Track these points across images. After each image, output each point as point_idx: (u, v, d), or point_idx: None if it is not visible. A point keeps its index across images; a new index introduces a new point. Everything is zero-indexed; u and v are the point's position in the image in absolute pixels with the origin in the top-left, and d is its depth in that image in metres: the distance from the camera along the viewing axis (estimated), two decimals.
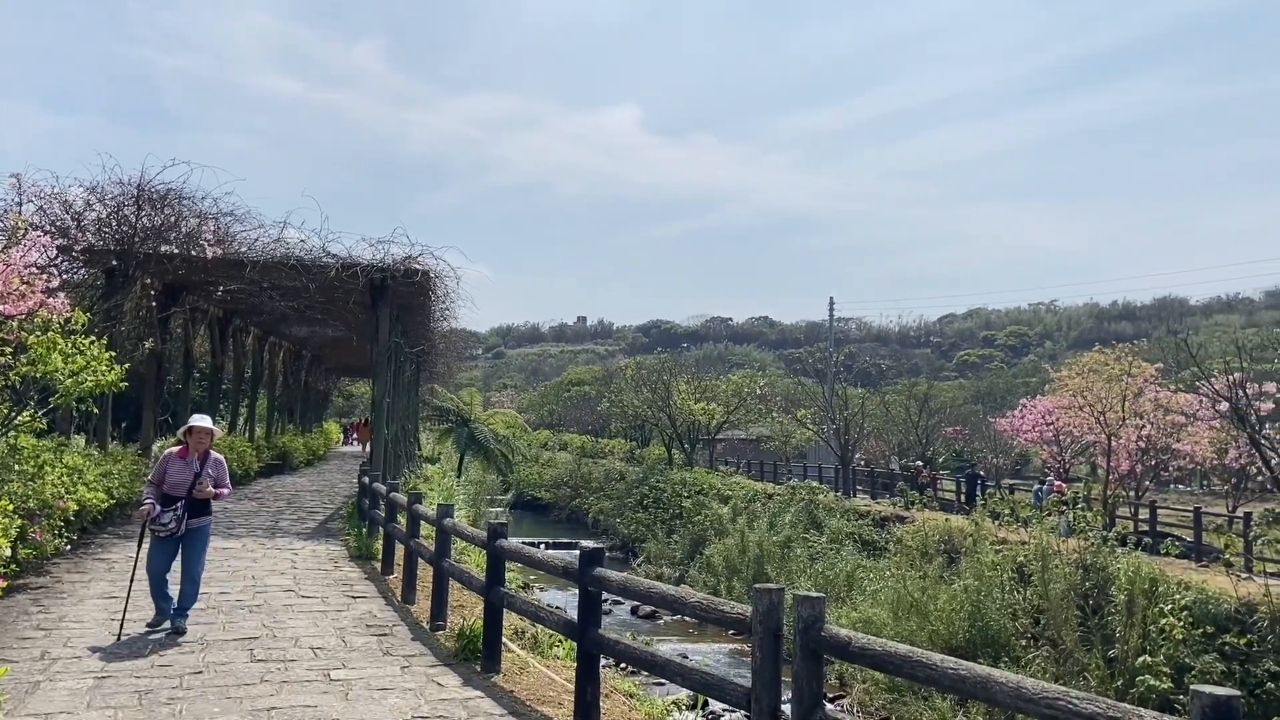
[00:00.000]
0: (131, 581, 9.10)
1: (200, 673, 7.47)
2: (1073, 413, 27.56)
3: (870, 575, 22.74)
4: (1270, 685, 13.55)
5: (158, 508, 8.57)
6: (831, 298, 63.25)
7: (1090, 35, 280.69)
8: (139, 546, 8.92)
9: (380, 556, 13.22)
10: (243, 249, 17.38)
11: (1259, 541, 17.53)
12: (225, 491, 8.99)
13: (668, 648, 20.56)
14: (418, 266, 17.29)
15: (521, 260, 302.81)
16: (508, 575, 17.16)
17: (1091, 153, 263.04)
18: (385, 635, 9.15)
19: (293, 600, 10.59)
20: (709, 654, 21.14)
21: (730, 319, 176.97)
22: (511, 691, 7.39)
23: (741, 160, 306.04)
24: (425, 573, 10.79)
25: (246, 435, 28.72)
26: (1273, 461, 17.76)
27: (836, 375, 58.01)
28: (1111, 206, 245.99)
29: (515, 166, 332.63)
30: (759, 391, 50.42)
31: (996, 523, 22.05)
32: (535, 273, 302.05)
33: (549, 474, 54.51)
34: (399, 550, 12.24)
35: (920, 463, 38.02)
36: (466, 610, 10.13)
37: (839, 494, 34.16)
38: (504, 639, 8.47)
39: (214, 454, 8.98)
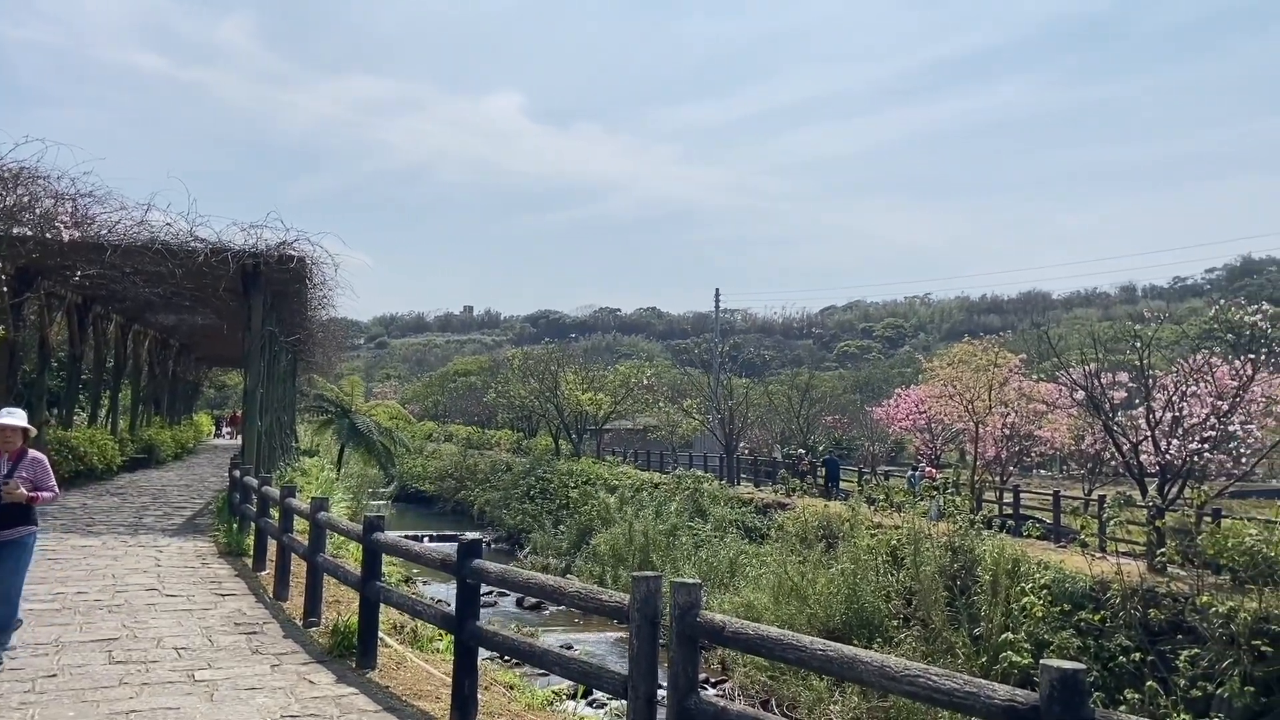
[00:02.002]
0: None
1: (54, 675, 7.09)
2: (943, 401, 28.68)
3: (753, 561, 23.18)
4: (1122, 659, 14.38)
5: None
6: (717, 289, 64.15)
7: (954, 40, 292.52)
8: None
9: (252, 552, 12.78)
10: (103, 232, 16.46)
11: (1111, 523, 18.56)
12: (48, 495, 7.63)
13: (552, 638, 20.53)
14: (293, 252, 16.72)
15: (405, 248, 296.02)
16: (389, 569, 16.85)
17: (959, 152, 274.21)
18: (255, 633, 8.85)
19: (156, 599, 10.14)
20: (594, 643, 21.19)
21: (618, 310, 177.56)
22: (387, 687, 7.25)
23: (626, 151, 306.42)
24: (299, 568, 10.48)
25: (109, 428, 27.32)
26: (1124, 447, 18.83)
27: (722, 366, 58.82)
28: (979, 204, 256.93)
29: (395, 151, 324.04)
30: (646, 382, 50.73)
31: (872, 508, 22.79)
32: (419, 261, 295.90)
33: (434, 466, 53.67)
34: (272, 546, 11.85)
35: (802, 451, 38.93)
36: (343, 606, 9.88)
37: (723, 482, 34.69)
38: (381, 634, 8.29)
39: (32, 453, 7.69)
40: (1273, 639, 13.08)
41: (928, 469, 29.09)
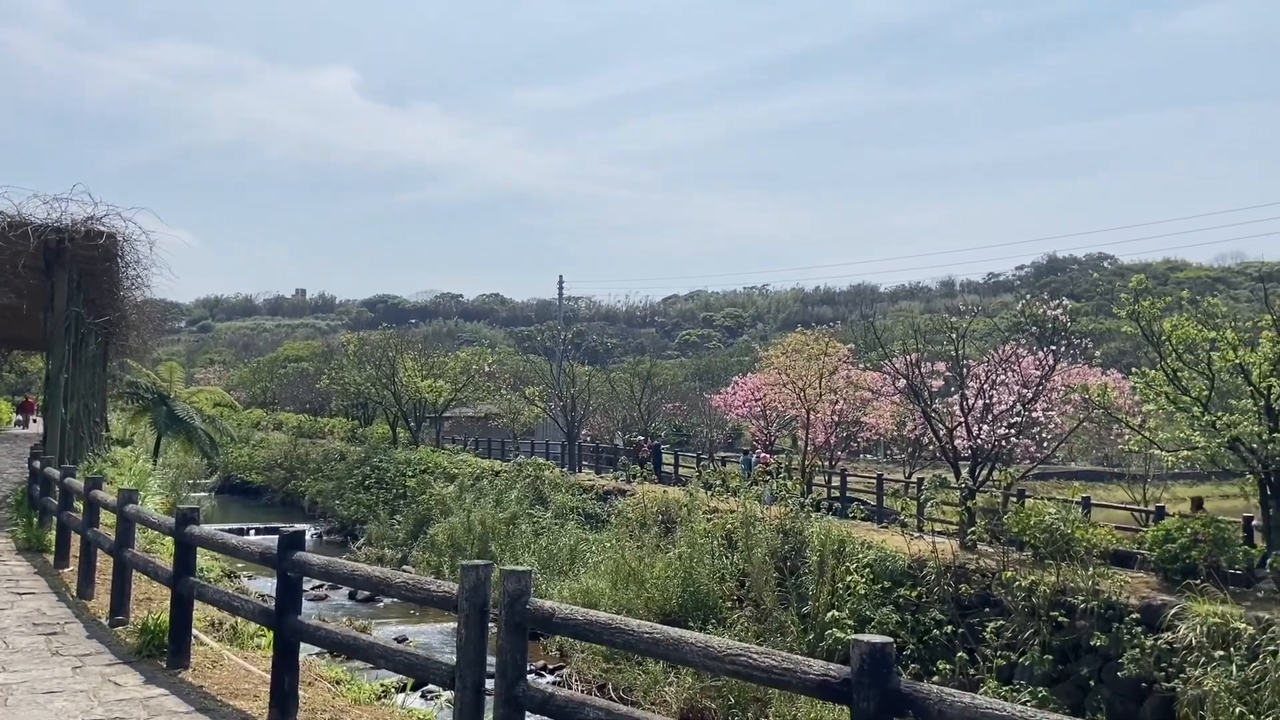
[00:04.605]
0: None
1: None
2: (778, 389, 29.65)
3: (593, 548, 23.31)
4: (936, 632, 15.29)
5: None
6: (561, 276, 64.17)
7: (787, 38, 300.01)
8: None
9: (54, 549, 11.94)
10: None
11: (929, 504, 19.67)
12: None
13: (386, 631, 20.07)
14: (102, 228, 15.60)
15: (230, 227, 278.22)
16: (212, 565, 16.02)
17: (794, 148, 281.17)
18: (56, 634, 8.27)
19: None
20: (430, 634, 20.85)
21: (461, 295, 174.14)
22: (201, 687, 6.89)
23: (466, 133, 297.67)
24: (106, 565, 9.87)
25: None
26: (941, 432, 19.97)
27: (565, 353, 58.91)
28: (813, 199, 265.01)
29: (216, 124, 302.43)
30: (488, 369, 50.16)
31: (709, 493, 23.32)
32: (247, 241, 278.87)
33: (262, 455, 51.36)
34: (76, 541, 11.08)
35: (641, 438, 39.42)
36: (154, 604, 9.32)
37: (565, 469, 34.72)
38: (197, 632, 7.89)
39: None
40: (1068, 610, 14.19)
41: (762, 454, 30.00)
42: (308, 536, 7.49)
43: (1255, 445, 14.80)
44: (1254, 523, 15.93)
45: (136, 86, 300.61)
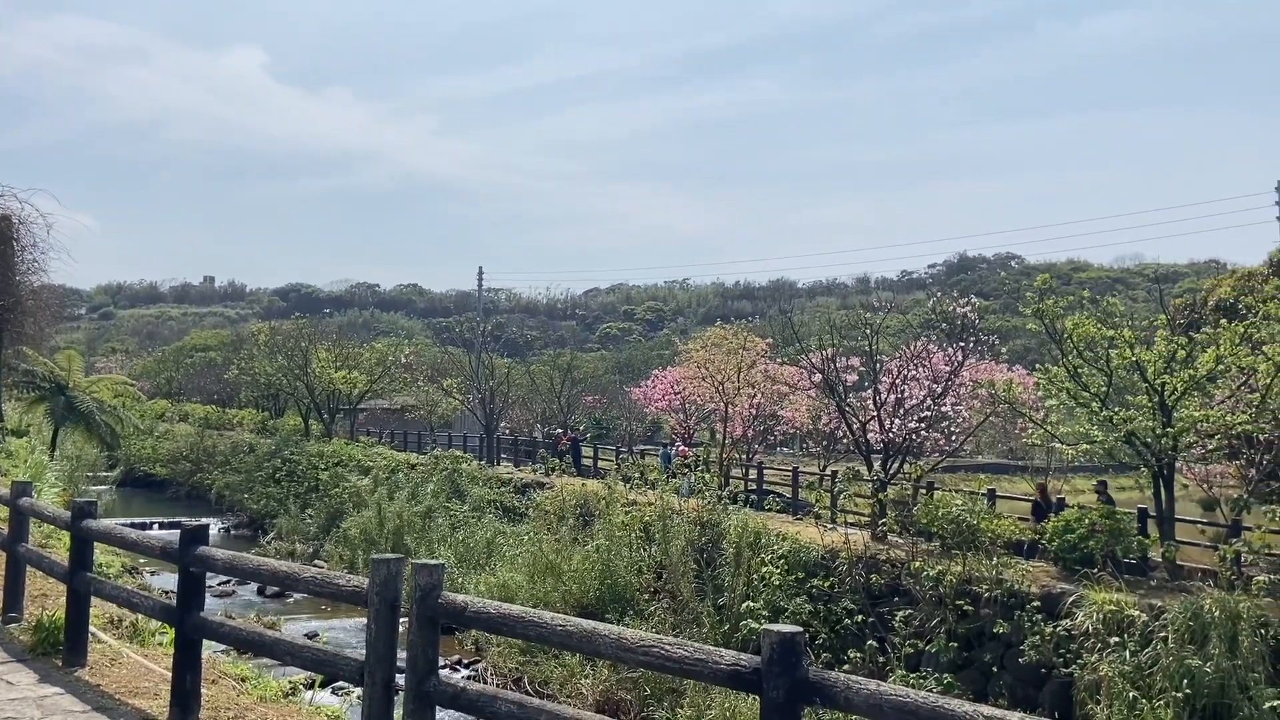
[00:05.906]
0: None
1: None
2: (697, 383, 29.87)
3: (510, 541, 23.18)
4: (847, 621, 15.61)
5: None
6: (481, 267, 63.46)
7: (706, 34, 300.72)
8: None
9: None
10: None
11: (842, 496, 20.04)
12: None
13: (297, 626, 19.66)
14: None
15: (133, 211, 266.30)
16: (114, 560, 15.45)
17: (715, 143, 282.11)
18: None
19: None
20: (344, 630, 20.50)
21: (378, 285, 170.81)
22: (98, 685, 6.65)
23: (382, 119, 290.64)
24: None
25: None
26: (854, 426, 20.37)
27: (485, 345, 58.29)
28: (734, 194, 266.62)
29: (118, 104, 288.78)
30: (404, 360, 49.39)
31: (628, 486, 23.38)
32: (151, 226, 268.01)
33: (166, 447, 49.78)
34: None
35: (561, 430, 39.31)
36: (50, 600, 8.96)
37: (483, 462, 34.44)
38: (94, 628, 7.60)
39: None
40: (973, 599, 14.63)
41: (681, 447, 30.19)
42: (214, 530, 7.27)
43: (1149, 439, 15.45)
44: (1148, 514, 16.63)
45: (34, 63, 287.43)
